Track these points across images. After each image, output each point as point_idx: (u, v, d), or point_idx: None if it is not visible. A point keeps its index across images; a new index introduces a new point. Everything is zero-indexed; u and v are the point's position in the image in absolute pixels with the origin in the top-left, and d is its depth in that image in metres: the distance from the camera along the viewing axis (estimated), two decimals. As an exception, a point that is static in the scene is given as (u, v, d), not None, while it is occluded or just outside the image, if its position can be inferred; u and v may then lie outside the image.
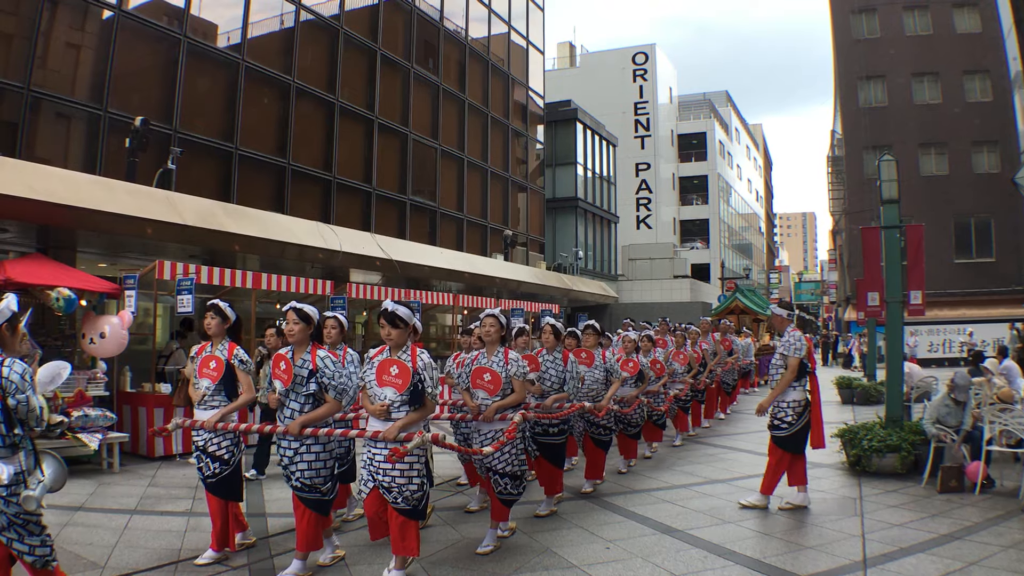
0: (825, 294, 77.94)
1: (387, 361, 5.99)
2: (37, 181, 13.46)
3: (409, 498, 5.88)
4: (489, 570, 6.47)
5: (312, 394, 6.24)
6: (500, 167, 36.38)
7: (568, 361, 8.59)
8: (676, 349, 13.60)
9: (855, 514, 8.15)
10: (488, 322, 7.34)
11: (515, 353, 7.35)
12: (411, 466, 5.89)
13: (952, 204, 37.12)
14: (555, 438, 8.43)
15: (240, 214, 18.24)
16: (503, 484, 7.09)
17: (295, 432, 6.11)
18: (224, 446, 6.71)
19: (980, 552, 6.69)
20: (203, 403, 6.83)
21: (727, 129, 76.52)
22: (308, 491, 6.19)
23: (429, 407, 6.08)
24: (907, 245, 11.68)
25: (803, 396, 8.65)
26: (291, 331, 6.32)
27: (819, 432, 8.61)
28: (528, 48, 40.12)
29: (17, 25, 16.29)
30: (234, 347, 6.92)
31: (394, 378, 5.92)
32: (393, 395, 5.92)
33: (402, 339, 6.06)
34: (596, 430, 9.74)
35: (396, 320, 6.01)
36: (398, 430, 5.80)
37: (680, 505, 8.77)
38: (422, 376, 5.91)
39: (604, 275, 46.18)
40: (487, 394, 7.16)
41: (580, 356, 9.53)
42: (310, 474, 6.19)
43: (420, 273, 24.34)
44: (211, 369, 6.82)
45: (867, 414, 13.59)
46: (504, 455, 7.02)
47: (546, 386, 8.50)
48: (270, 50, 23.26)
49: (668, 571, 6.38)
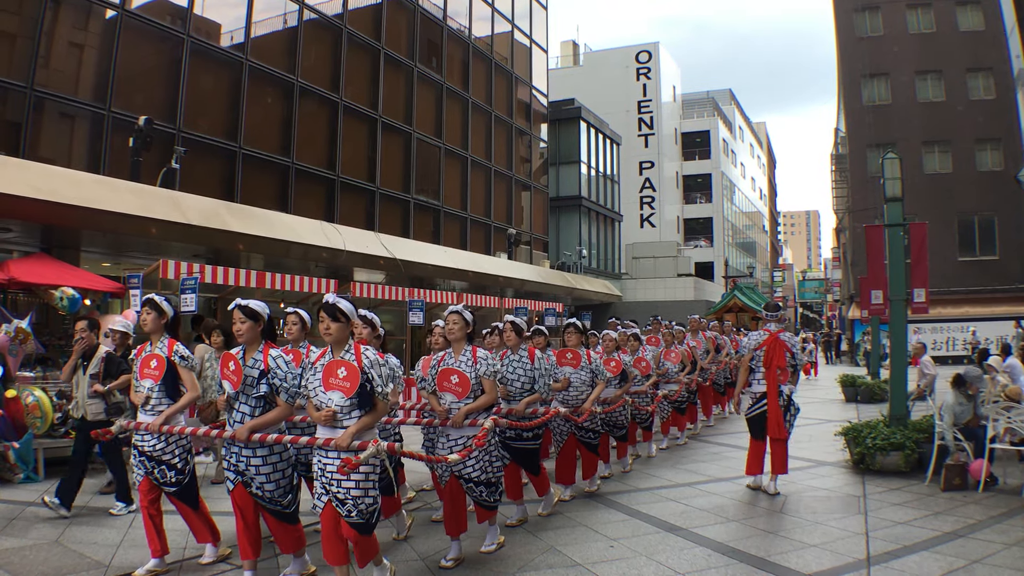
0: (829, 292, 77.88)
1: (334, 363, 5.44)
2: (41, 181, 13.51)
3: (364, 511, 5.33)
4: (493, 568, 6.47)
5: (263, 396, 5.77)
6: (504, 166, 36.39)
7: (535, 358, 7.98)
8: (667, 348, 12.98)
9: (859, 512, 8.15)
10: (452, 319, 6.86)
11: (484, 351, 6.89)
12: (367, 476, 5.35)
13: (956, 202, 37.07)
14: (529, 443, 7.84)
15: (244, 213, 18.27)
16: (478, 492, 6.71)
17: (242, 438, 5.62)
18: (176, 452, 6.31)
19: (984, 550, 6.69)
20: (147, 406, 6.39)
21: (731, 127, 76.44)
22: (268, 502, 5.79)
23: (381, 409, 5.51)
24: (911, 243, 11.68)
25: (760, 389, 9.58)
26: (238, 330, 5.87)
27: (775, 422, 9.33)
28: (532, 47, 40.14)
29: (20, 25, 16.32)
30: (174, 343, 6.50)
31: (342, 381, 5.37)
32: (341, 399, 5.37)
33: (342, 335, 5.52)
34: (584, 434, 9.14)
35: (337, 314, 5.47)
36: (351, 437, 5.27)
37: (684, 503, 8.77)
38: (369, 375, 5.38)
39: (608, 274, 46.19)
40: (455, 397, 6.71)
41: (565, 356, 9.09)
42: (270, 487, 5.75)
43: (424, 272, 24.38)
44: (152, 368, 6.40)
45: (871, 412, 13.58)
46: (477, 462, 6.61)
47: (514, 388, 7.87)
48: (274, 49, 23.29)
49: (672, 569, 6.38)
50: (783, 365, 9.44)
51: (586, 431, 9.11)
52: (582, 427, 9.03)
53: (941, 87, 39.09)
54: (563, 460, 9.02)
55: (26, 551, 6.78)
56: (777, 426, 9.30)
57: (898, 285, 11.22)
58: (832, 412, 17.58)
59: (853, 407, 18.52)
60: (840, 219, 54.43)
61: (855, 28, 40.97)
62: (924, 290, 11.81)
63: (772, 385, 9.40)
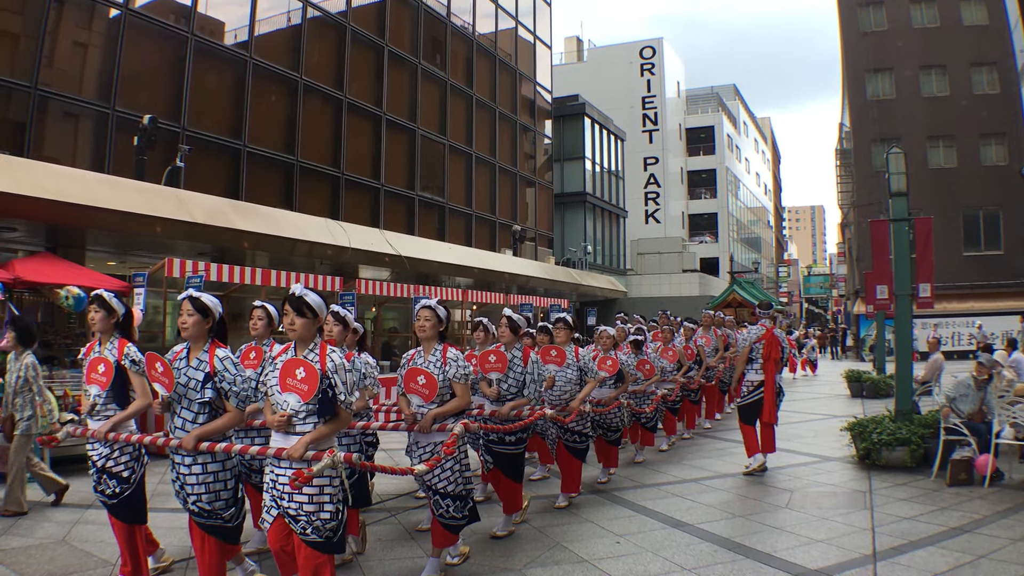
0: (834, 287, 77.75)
1: (292, 361, 4.85)
2: (47, 180, 13.53)
3: (321, 528, 4.73)
4: (500, 565, 6.49)
5: (208, 402, 5.19)
6: (508, 162, 36.39)
7: (529, 361, 7.51)
8: (664, 345, 12.69)
9: (865, 508, 8.15)
10: (423, 315, 6.33)
11: (455, 351, 6.31)
12: (321, 490, 4.74)
13: (960, 197, 36.99)
14: (512, 447, 7.43)
15: (249, 211, 18.30)
16: (444, 506, 6.15)
17: (189, 447, 5.08)
18: (123, 462, 5.68)
19: (990, 545, 6.69)
20: (95, 413, 5.78)
21: (735, 123, 76.36)
22: (207, 517, 5.19)
23: (343, 419, 4.91)
24: (916, 238, 11.67)
25: (758, 378, 10.35)
26: (184, 323, 5.30)
27: (768, 408, 10.23)
28: (535, 43, 40.12)
29: (24, 24, 16.34)
30: (124, 345, 5.86)
31: (299, 382, 4.78)
32: (297, 403, 4.77)
33: (308, 332, 4.92)
34: (570, 437, 8.64)
35: (303, 307, 4.90)
36: (305, 447, 4.68)
37: (690, 499, 8.78)
38: (332, 380, 4.78)
39: (613, 269, 46.19)
40: (421, 400, 6.18)
41: (549, 354, 8.53)
42: (208, 497, 5.18)
43: (429, 269, 24.39)
44: (100, 373, 5.78)
45: (876, 408, 13.57)
46: (444, 472, 6.11)
47: (503, 388, 7.45)
48: (277, 47, 23.30)
49: (678, 565, 6.39)
50: (778, 358, 10.36)
51: (573, 433, 8.62)
52: (569, 429, 8.58)
53: (945, 82, 39.00)
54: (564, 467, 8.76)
55: (32, 550, 6.81)
56: (770, 412, 10.22)
57: (903, 280, 11.22)
58: (837, 407, 17.57)
59: (858, 402, 18.52)
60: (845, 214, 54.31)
61: (859, 23, 40.88)
62: (929, 285, 11.80)
63: (769, 375, 10.25)
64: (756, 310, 11.01)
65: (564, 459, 8.71)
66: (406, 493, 9.19)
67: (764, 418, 10.24)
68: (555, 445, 8.74)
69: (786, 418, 13.67)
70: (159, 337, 15.48)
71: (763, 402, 10.23)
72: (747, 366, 10.56)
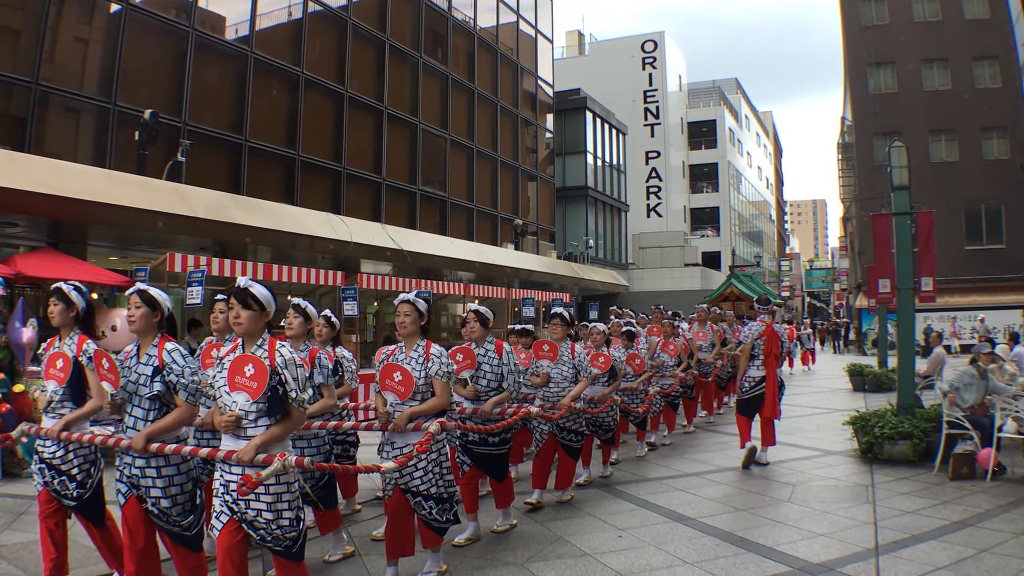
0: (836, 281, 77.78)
1: (241, 358, 4.58)
2: (48, 175, 13.53)
3: (280, 537, 4.50)
4: (502, 559, 6.49)
5: (158, 396, 4.93)
6: (510, 156, 36.38)
7: (503, 352, 7.13)
8: (665, 339, 12.37)
9: (867, 501, 8.14)
10: (402, 310, 5.99)
11: (439, 348, 5.99)
12: (279, 497, 4.49)
13: (962, 190, 36.95)
14: (496, 448, 7.12)
15: (250, 206, 18.29)
16: (427, 508, 5.82)
17: (138, 448, 4.79)
18: (76, 464, 5.42)
19: (992, 539, 6.68)
20: (50, 410, 5.51)
21: (737, 116, 76.28)
22: (165, 522, 4.93)
23: (296, 418, 4.65)
24: (918, 232, 11.65)
25: (759, 374, 10.41)
26: (131, 317, 5.06)
27: (769, 403, 10.33)
28: (537, 37, 40.08)
29: (24, 20, 16.34)
30: (84, 340, 5.54)
31: (248, 380, 4.51)
32: (246, 403, 4.51)
33: (255, 326, 4.64)
34: (567, 436, 8.28)
35: (248, 300, 4.63)
36: (254, 450, 4.41)
37: (692, 493, 8.78)
38: (282, 376, 4.51)
39: (614, 263, 46.19)
40: (396, 398, 5.85)
41: (542, 349, 8.27)
42: (167, 504, 4.90)
43: (431, 263, 24.40)
44: (58, 369, 5.49)
45: (879, 401, 13.56)
46: (426, 473, 5.77)
47: (480, 386, 7.07)
48: (278, 42, 23.29)
49: (680, 559, 6.39)
50: (778, 353, 10.54)
51: (568, 432, 8.27)
52: (564, 427, 8.22)
53: (947, 75, 38.93)
54: (540, 462, 8.28)
55: (34, 546, 6.78)
56: (772, 407, 10.34)
57: (905, 274, 11.20)
58: (840, 401, 17.57)
59: (861, 396, 18.50)
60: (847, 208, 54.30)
61: (861, 16, 40.81)
62: (931, 279, 11.78)
63: (771, 371, 10.38)
64: (755, 305, 11.08)
65: (561, 457, 8.39)
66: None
67: (766, 413, 10.33)
68: (542, 443, 8.27)
69: (788, 412, 13.66)
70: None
71: (764, 398, 10.31)
72: (749, 361, 10.55)
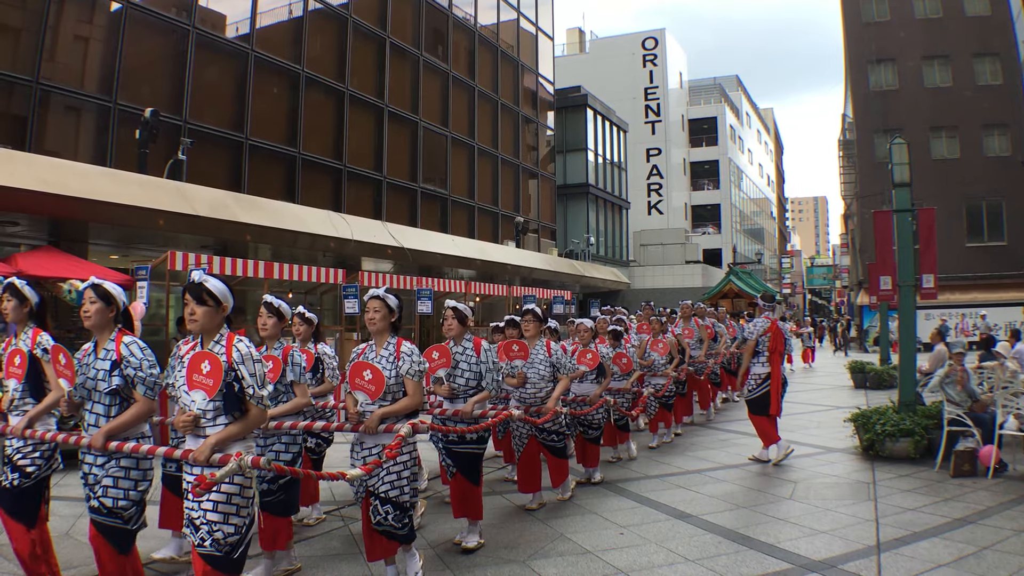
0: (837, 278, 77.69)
1: (199, 355, 4.40)
2: (49, 174, 13.53)
3: (221, 541, 4.23)
4: (503, 556, 6.49)
5: (116, 391, 4.83)
6: (511, 154, 36.37)
7: (481, 350, 6.92)
8: (655, 337, 12.17)
9: (868, 499, 8.14)
10: (372, 306, 5.75)
11: (410, 345, 5.74)
12: (229, 499, 4.27)
13: (963, 187, 36.90)
14: (473, 446, 6.89)
15: (251, 204, 18.30)
16: (383, 512, 5.48)
17: (98, 445, 4.65)
18: (31, 456, 5.27)
19: (993, 536, 6.68)
20: (13, 408, 5.42)
21: (738, 114, 76.25)
22: (106, 515, 4.74)
23: (254, 417, 4.42)
24: (919, 229, 11.64)
25: (764, 371, 10.47)
26: (86, 312, 4.98)
27: (775, 401, 10.41)
28: (537, 34, 40.05)
29: (25, 18, 16.34)
30: (38, 334, 5.47)
31: (204, 377, 4.33)
32: (203, 401, 4.34)
33: (211, 322, 4.47)
34: (547, 437, 8.01)
35: (203, 295, 4.44)
36: (210, 449, 4.24)
37: (694, 490, 8.78)
38: (239, 372, 4.33)
39: (616, 261, 46.18)
40: (367, 398, 5.56)
41: (512, 349, 7.93)
42: (115, 493, 4.74)
43: (432, 261, 24.39)
44: (16, 366, 5.41)
45: (880, 398, 13.56)
46: (389, 475, 5.49)
47: (458, 384, 6.88)
48: (279, 40, 23.28)
49: (682, 556, 6.39)
50: (783, 350, 10.70)
51: (548, 432, 7.98)
52: (543, 428, 7.90)
53: (948, 72, 38.88)
54: (525, 466, 8.06)
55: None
56: (776, 404, 10.43)
57: (907, 271, 11.20)
58: (841, 398, 17.57)
59: (862, 393, 18.51)
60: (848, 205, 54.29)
61: (861, 13, 40.77)
62: (933, 276, 11.77)
63: (776, 368, 10.48)
64: (759, 301, 11.11)
65: (549, 458, 8.19)
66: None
67: (770, 410, 10.42)
68: (523, 445, 8.01)
69: (789, 409, 13.68)
70: (162, 331, 15.48)
71: (770, 395, 10.41)
72: (753, 358, 10.64)
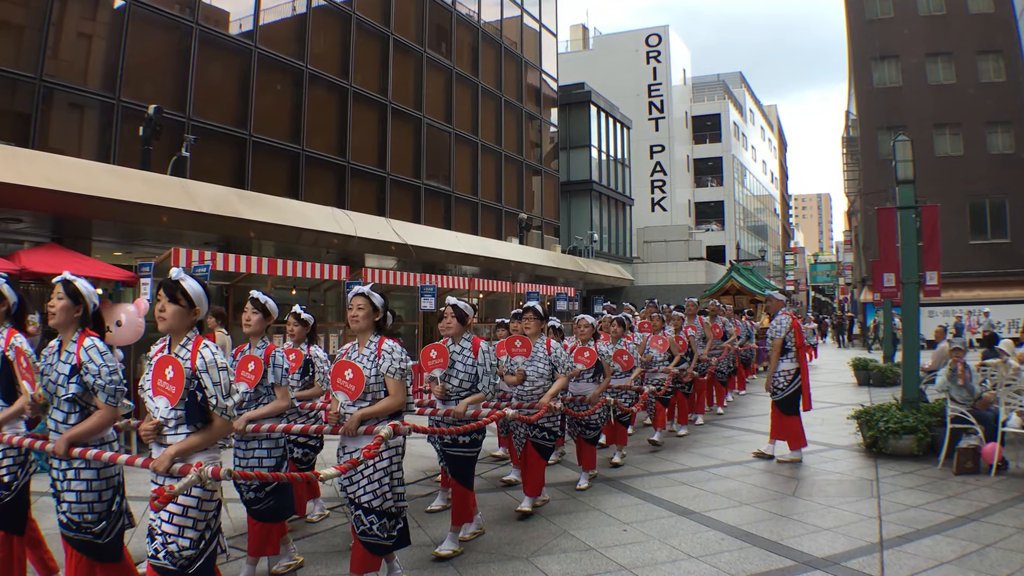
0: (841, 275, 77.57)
1: (163, 360, 4.16)
2: (52, 171, 13.54)
3: (175, 555, 4.04)
4: (506, 552, 6.51)
5: (74, 399, 4.55)
6: (514, 151, 36.36)
7: (480, 351, 6.75)
8: (654, 333, 12.02)
9: (872, 496, 8.15)
10: (356, 303, 5.55)
11: (391, 343, 5.50)
12: (185, 511, 4.07)
13: (967, 185, 36.84)
14: (465, 449, 6.72)
15: (255, 201, 18.30)
16: (367, 523, 5.28)
17: (59, 452, 4.43)
18: (5, 465, 5.03)
19: (996, 534, 6.68)
20: None
21: (741, 110, 76.14)
22: (75, 530, 4.53)
23: (218, 427, 4.21)
24: (923, 226, 11.63)
25: (793, 366, 10.48)
26: (52, 308, 4.67)
27: (807, 396, 10.48)
28: (541, 31, 40.02)
29: (28, 16, 16.34)
30: (12, 335, 5.15)
31: (167, 384, 4.09)
32: (166, 409, 4.12)
33: (180, 323, 4.25)
34: (538, 432, 7.71)
35: (176, 293, 4.24)
36: (170, 460, 4.04)
37: (697, 487, 8.79)
38: (201, 380, 4.12)
39: (619, 258, 46.19)
40: (347, 398, 5.37)
41: (514, 345, 7.75)
42: (79, 508, 4.51)
43: (435, 257, 24.39)
44: None
45: (883, 396, 13.55)
46: (371, 482, 5.28)
47: (451, 385, 6.75)
48: (282, 36, 23.28)
49: (685, 553, 6.40)
50: (803, 344, 10.78)
51: (541, 429, 7.70)
52: (536, 424, 7.64)
53: (951, 70, 38.81)
54: (526, 467, 7.91)
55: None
56: (808, 399, 10.51)
57: (910, 268, 11.19)
58: (844, 396, 17.55)
59: (865, 390, 18.48)
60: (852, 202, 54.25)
61: (865, 10, 40.69)
62: (936, 273, 11.79)
63: (803, 363, 10.61)
64: (777, 297, 11.22)
65: (531, 456, 7.81)
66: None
67: (804, 407, 10.48)
68: (523, 445, 7.87)
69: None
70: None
71: (802, 391, 10.46)
72: (782, 355, 10.62)
